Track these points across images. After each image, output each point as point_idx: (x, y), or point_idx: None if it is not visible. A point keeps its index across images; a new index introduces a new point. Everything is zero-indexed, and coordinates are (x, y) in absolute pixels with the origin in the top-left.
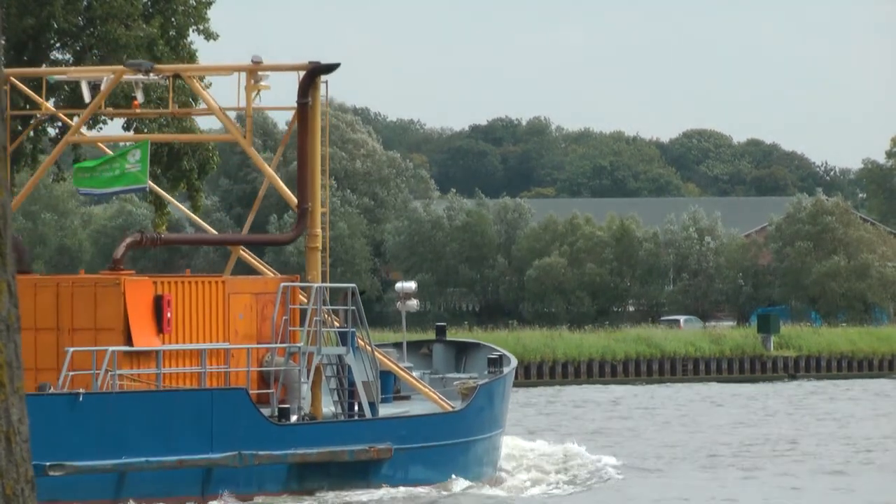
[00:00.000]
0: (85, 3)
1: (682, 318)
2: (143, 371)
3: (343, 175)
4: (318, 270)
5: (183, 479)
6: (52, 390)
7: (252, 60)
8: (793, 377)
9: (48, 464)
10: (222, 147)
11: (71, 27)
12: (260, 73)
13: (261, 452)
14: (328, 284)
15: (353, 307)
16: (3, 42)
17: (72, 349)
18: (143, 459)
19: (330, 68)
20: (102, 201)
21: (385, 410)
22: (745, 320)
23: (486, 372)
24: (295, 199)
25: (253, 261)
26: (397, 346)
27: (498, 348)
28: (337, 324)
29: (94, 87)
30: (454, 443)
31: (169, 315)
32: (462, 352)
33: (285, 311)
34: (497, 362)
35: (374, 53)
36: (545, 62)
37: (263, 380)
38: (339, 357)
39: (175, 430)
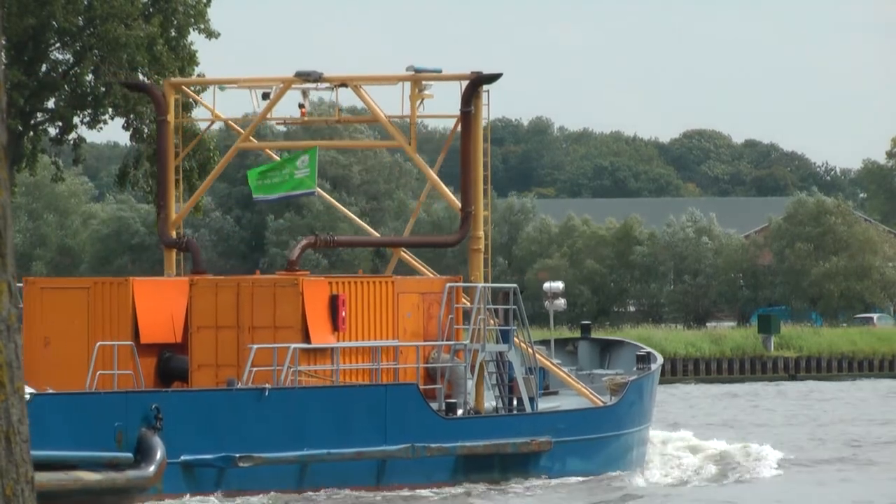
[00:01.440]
0: (85, 2)
1: (875, 316)
2: (321, 367)
3: (342, 178)
4: (480, 271)
5: (359, 470)
6: (238, 385)
7: (410, 69)
8: (793, 377)
9: (238, 455)
10: (222, 147)
11: (71, 27)
12: (423, 82)
13: (432, 445)
14: (490, 284)
15: (515, 306)
16: (3, 42)
17: (255, 346)
18: (324, 451)
19: (492, 78)
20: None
21: (539, 405)
22: (746, 321)
23: (634, 368)
24: (457, 203)
25: (413, 261)
26: (545, 343)
27: (643, 346)
28: (492, 322)
29: (265, 96)
30: (608, 436)
31: (344, 314)
32: (606, 349)
33: (450, 309)
34: (645, 359)
35: (375, 53)
36: (545, 62)
37: (430, 376)
38: (501, 354)
39: (352, 423)
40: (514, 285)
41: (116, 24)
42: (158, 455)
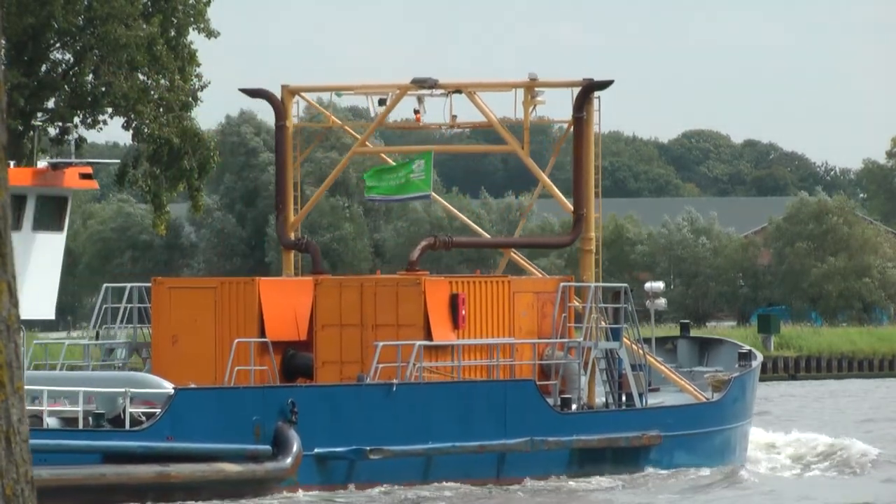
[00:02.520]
0: (85, 2)
1: None
2: (445, 364)
3: (342, 178)
4: (591, 271)
5: (481, 463)
6: (368, 381)
7: (529, 77)
8: (793, 377)
9: (369, 448)
10: (224, 148)
11: (71, 27)
12: (536, 88)
13: (549, 439)
14: (602, 284)
15: (626, 305)
16: (3, 42)
17: (381, 343)
18: (448, 444)
19: (604, 85)
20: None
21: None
22: (746, 321)
23: (735, 365)
24: (569, 206)
25: (522, 262)
26: (646, 341)
27: (743, 344)
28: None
29: (381, 102)
30: (713, 430)
31: (463, 312)
32: (705, 347)
33: (564, 308)
34: (747, 356)
35: (375, 53)
36: (545, 62)
37: (543, 372)
38: (611, 351)
39: (474, 418)
40: (625, 285)
41: (116, 24)
42: (295, 448)
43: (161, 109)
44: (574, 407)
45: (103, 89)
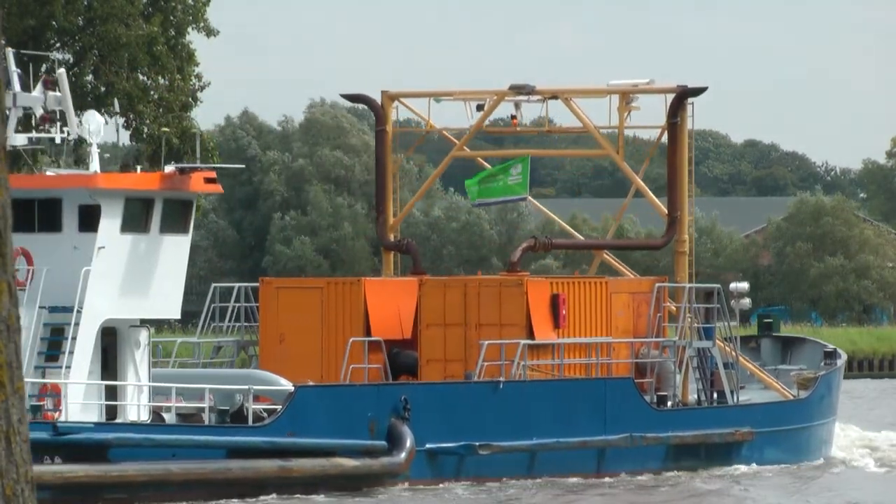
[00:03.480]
0: (85, 2)
1: None
2: (549, 362)
3: (343, 178)
4: (685, 272)
5: (581, 458)
6: (475, 379)
7: (652, 81)
8: None
9: (478, 443)
10: (221, 150)
11: (71, 27)
12: (631, 95)
13: (647, 435)
14: (695, 285)
15: (718, 305)
16: (3, 42)
17: (486, 342)
18: (552, 440)
19: (697, 92)
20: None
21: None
22: (746, 321)
23: (821, 364)
24: (664, 209)
25: (615, 263)
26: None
27: (826, 343)
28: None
29: (479, 107)
30: (801, 427)
31: (564, 312)
32: (788, 345)
33: (658, 308)
34: (832, 355)
35: (375, 53)
36: (545, 62)
37: (639, 370)
38: (704, 349)
39: (575, 414)
40: (718, 285)
41: (116, 24)
42: (408, 443)
43: (161, 109)
44: (669, 404)
45: (103, 89)
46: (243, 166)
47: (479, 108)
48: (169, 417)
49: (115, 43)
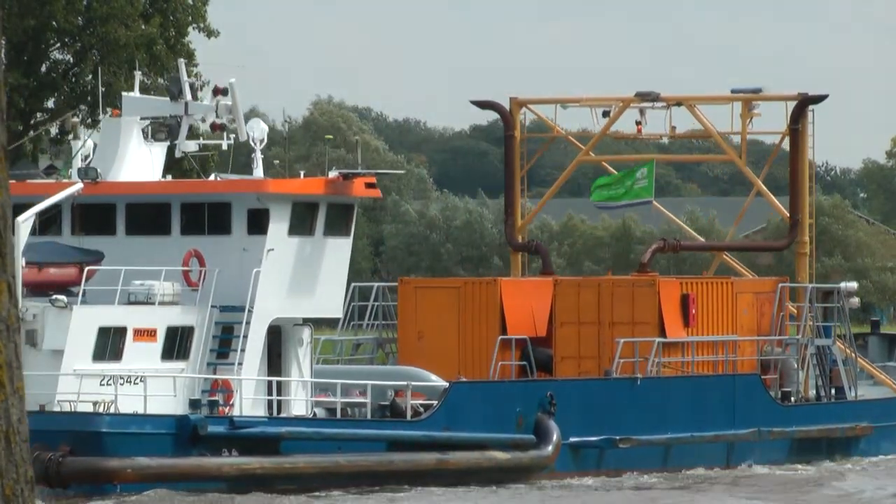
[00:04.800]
0: (85, 3)
1: None
2: (679, 359)
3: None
4: (806, 272)
5: (712, 452)
6: (614, 375)
7: (733, 91)
8: None
9: (618, 437)
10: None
11: (71, 27)
12: (753, 102)
13: (774, 429)
14: (816, 285)
15: (838, 304)
16: (3, 42)
17: (622, 340)
18: (687, 434)
19: (818, 99)
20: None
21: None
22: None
23: None
24: (785, 212)
25: (734, 264)
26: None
27: None
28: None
29: (605, 114)
30: None
31: (693, 311)
32: (894, 343)
33: (781, 307)
34: None
35: (375, 53)
36: (545, 62)
37: (762, 367)
38: (823, 347)
39: (706, 409)
40: (839, 285)
41: (116, 25)
42: (555, 437)
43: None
44: (793, 400)
45: (103, 89)
46: (403, 172)
47: (605, 114)
48: (319, 412)
49: (114, 43)
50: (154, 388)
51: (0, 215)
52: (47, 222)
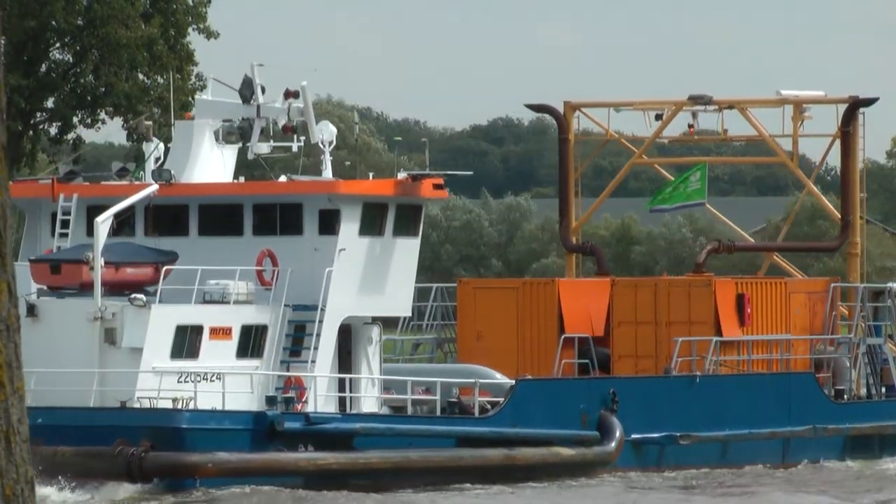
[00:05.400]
0: (85, 3)
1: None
2: (736, 357)
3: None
4: (857, 272)
5: (768, 448)
6: (673, 373)
7: (779, 93)
8: None
9: (679, 434)
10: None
11: (71, 28)
12: (804, 105)
13: (829, 426)
14: (868, 285)
15: (889, 304)
16: (2, 42)
17: (680, 339)
18: (744, 431)
19: (868, 102)
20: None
21: None
22: None
23: None
24: (836, 213)
25: (784, 264)
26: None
27: None
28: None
29: (658, 117)
30: None
31: (749, 310)
32: None
33: (834, 307)
34: None
35: (376, 53)
36: (545, 62)
37: (815, 365)
38: (875, 346)
39: (762, 406)
40: (890, 285)
41: (117, 25)
42: (618, 433)
43: (160, 109)
44: (846, 398)
45: (103, 89)
46: (471, 173)
47: (658, 117)
48: (385, 409)
49: (115, 44)
50: (230, 385)
51: (0, 215)
52: (121, 223)
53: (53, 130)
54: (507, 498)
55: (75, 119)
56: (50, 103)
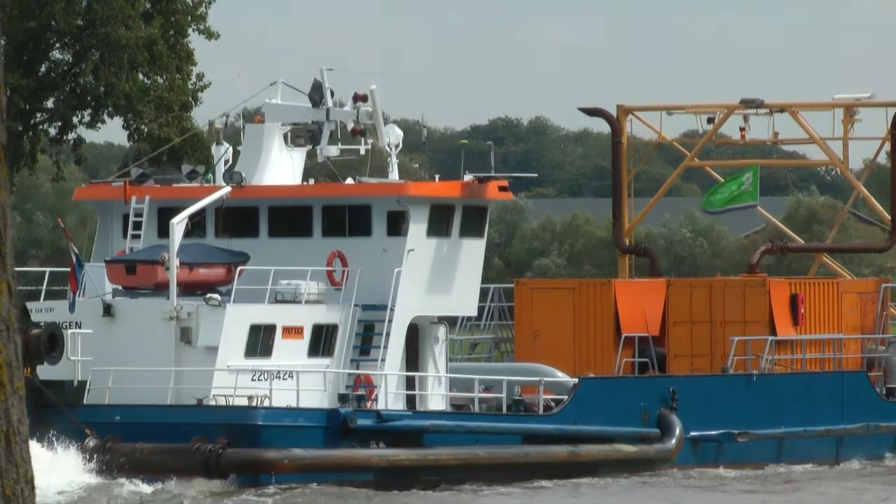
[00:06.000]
0: (85, 3)
1: None
2: (791, 356)
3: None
4: None
5: (822, 446)
6: (730, 372)
7: (836, 98)
8: None
9: (737, 431)
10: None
11: (71, 28)
12: (854, 108)
13: (881, 424)
14: None
15: None
16: (2, 42)
17: (736, 338)
18: (800, 429)
19: None
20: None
21: None
22: None
23: None
24: (886, 214)
25: (833, 265)
26: None
27: None
28: None
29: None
30: None
31: (802, 310)
32: None
33: (885, 307)
34: None
35: (376, 53)
36: (545, 61)
37: (866, 364)
38: None
39: (816, 404)
40: None
41: (117, 26)
42: (678, 431)
43: (159, 109)
44: None
45: (103, 89)
46: (535, 175)
47: (710, 120)
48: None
49: (115, 44)
50: (303, 383)
51: (0, 215)
52: (192, 225)
53: (53, 130)
54: (594, 492)
55: (75, 119)
56: (50, 103)
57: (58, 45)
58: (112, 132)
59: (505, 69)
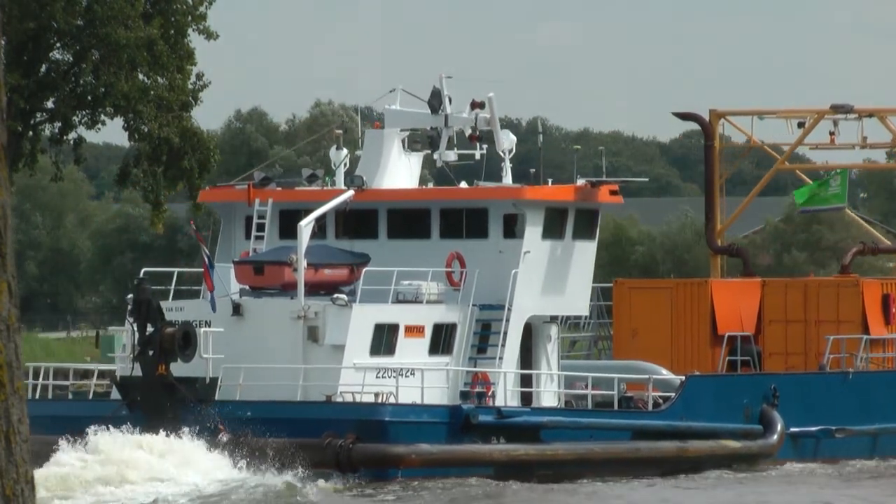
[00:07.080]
0: (85, 4)
1: None
2: (879, 355)
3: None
4: None
5: None
6: (827, 369)
7: None
8: None
9: (834, 428)
10: (225, 147)
11: (71, 28)
12: None
13: None
14: None
15: None
16: (2, 42)
17: (832, 337)
18: (893, 425)
19: None
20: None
21: None
22: None
23: None
24: None
25: None
26: None
27: None
28: None
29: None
30: None
31: (894, 310)
32: None
33: None
34: None
35: (376, 53)
36: (544, 61)
37: None
38: None
39: None
40: None
41: (116, 26)
42: (779, 427)
43: (160, 109)
44: None
45: (103, 90)
46: (646, 179)
47: (800, 125)
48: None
49: (115, 44)
50: (426, 380)
51: (0, 215)
52: (314, 227)
53: (53, 130)
54: (712, 488)
55: (75, 119)
56: (50, 103)
57: (58, 45)
58: (112, 132)
59: (504, 68)
